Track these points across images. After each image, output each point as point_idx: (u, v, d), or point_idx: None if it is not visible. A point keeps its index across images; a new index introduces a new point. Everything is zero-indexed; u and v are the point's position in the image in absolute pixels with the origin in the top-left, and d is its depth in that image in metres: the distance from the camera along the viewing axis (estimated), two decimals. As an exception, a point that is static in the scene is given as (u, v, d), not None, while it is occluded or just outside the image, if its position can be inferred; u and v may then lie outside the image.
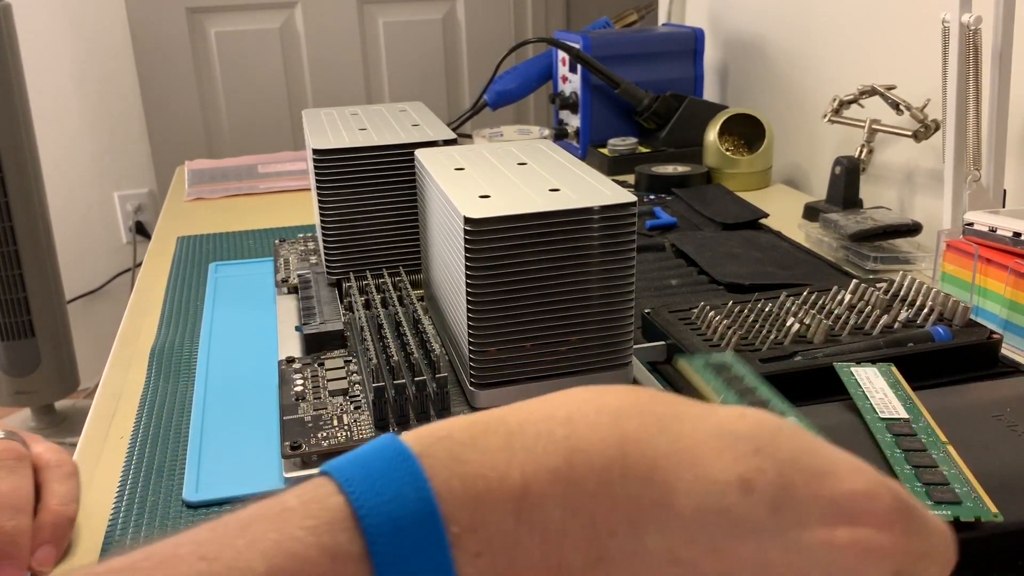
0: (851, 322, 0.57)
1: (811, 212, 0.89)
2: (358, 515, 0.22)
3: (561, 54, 1.21)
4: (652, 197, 0.98)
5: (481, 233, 0.46)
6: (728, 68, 1.28)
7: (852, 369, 0.49)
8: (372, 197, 0.65)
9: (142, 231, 2.14)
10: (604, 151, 1.13)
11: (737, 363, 0.47)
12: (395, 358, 0.50)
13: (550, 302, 0.48)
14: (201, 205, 1.06)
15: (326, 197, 0.64)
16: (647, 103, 1.12)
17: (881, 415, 0.45)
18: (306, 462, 0.48)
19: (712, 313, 0.58)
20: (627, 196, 0.47)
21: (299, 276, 0.71)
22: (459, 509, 0.22)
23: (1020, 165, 0.77)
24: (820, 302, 0.60)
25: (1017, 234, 0.59)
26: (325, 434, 0.48)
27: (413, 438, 0.24)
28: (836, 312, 0.59)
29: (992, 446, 0.43)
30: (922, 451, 0.42)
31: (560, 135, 1.20)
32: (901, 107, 0.87)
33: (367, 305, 0.61)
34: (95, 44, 2.01)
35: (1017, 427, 0.45)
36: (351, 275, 0.66)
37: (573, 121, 1.19)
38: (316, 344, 0.60)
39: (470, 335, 0.47)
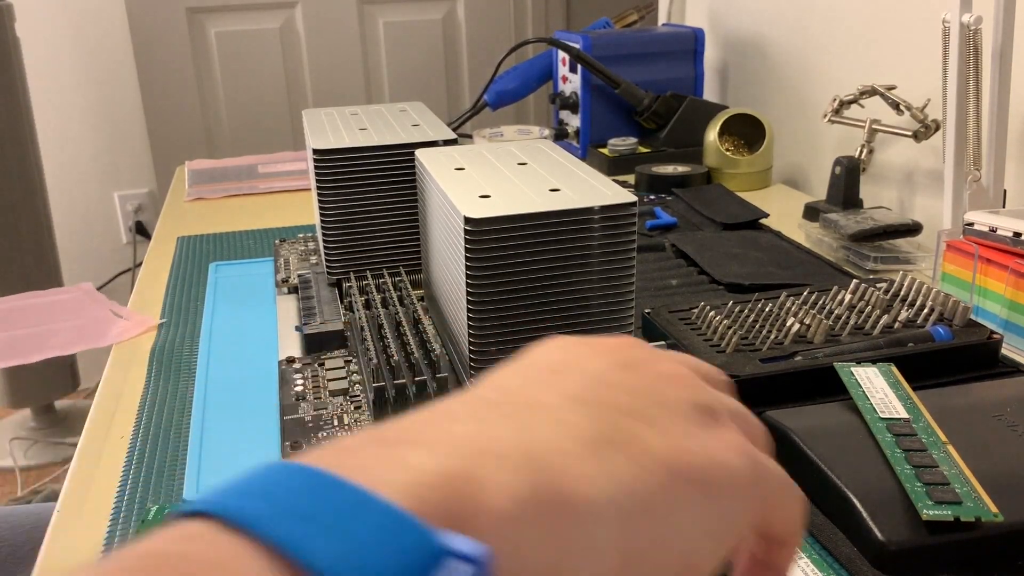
0: (851, 322, 0.57)
1: (811, 212, 0.89)
2: None
3: (561, 54, 1.21)
4: (652, 197, 0.98)
5: (481, 233, 0.46)
6: (728, 68, 1.28)
7: (852, 369, 0.49)
8: (372, 197, 0.65)
9: (142, 231, 2.14)
10: (604, 151, 1.13)
11: None
12: (395, 358, 0.50)
13: (550, 302, 0.48)
14: (201, 205, 1.06)
15: (326, 197, 0.64)
16: (647, 103, 1.12)
17: (881, 415, 0.45)
18: (306, 462, 0.48)
19: (712, 313, 0.58)
20: (627, 196, 0.47)
21: (299, 276, 0.71)
22: None
23: (1020, 165, 0.77)
24: (820, 302, 0.60)
25: (1017, 234, 0.59)
26: (325, 434, 0.48)
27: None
28: (836, 312, 0.59)
29: (992, 446, 0.43)
30: (922, 451, 0.42)
31: (560, 135, 1.20)
32: (901, 107, 0.87)
33: (367, 305, 0.61)
34: (95, 44, 2.01)
35: (1017, 427, 0.45)
36: (351, 275, 0.66)
37: (573, 121, 1.19)
38: (316, 344, 0.60)
39: (470, 335, 0.47)
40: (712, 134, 1.04)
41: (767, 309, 0.59)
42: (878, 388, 0.47)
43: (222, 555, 0.16)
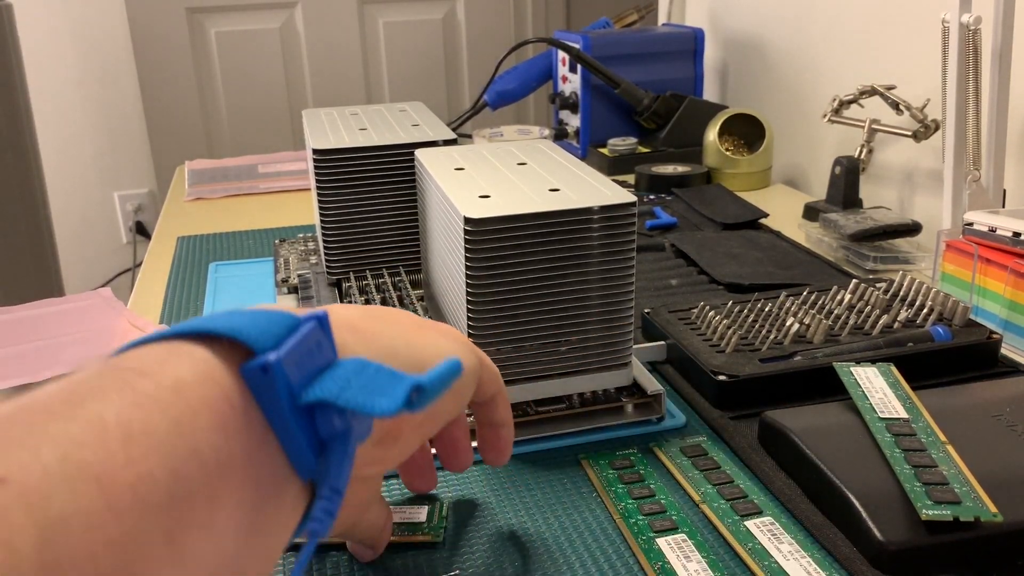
0: (851, 322, 0.57)
1: (811, 212, 0.89)
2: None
3: (561, 54, 1.21)
4: (652, 197, 0.98)
5: (481, 233, 0.46)
6: (728, 68, 1.28)
7: (852, 369, 0.49)
8: (372, 197, 0.65)
9: (142, 231, 2.14)
10: (604, 151, 1.13)
11: (714, 448, 0.47)
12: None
13: (550, 302, 0.48)
14: (201, 205, 1.06)
15: (326, 197, 0.64)
16: (647, 103, 1.12)
17: (881, 415, 0.45)
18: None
19: (712, 313, 0.58)
20: (627, 196, 0.47)
21: (299, 276, 0.71)
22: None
23: (1020, 165, 0.77)
24: (820, 302, 0.60)
25: (1017, 234, 0.59)
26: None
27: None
28: (836, 312, 0.59)
29: (992, 446, 0.43)
30: (922, 451, 0.42)
31: (560, 135, 1.20)
32: (901, 107, 0.87)
33: (367, 305, 0.61)
34: (95, 44, 2.01)
35: (1017, 427, 0.45)
36: (351, 275, 0.66)
37: (573, 121, 1.19)
38: (316, 344, 0.60)
39: (470, 335, 0.48)
40: (712, 134, 1.04)
41: (767, 309, 0.59)
42: (877, 388, 0.47)
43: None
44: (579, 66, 1.13)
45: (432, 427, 0.35)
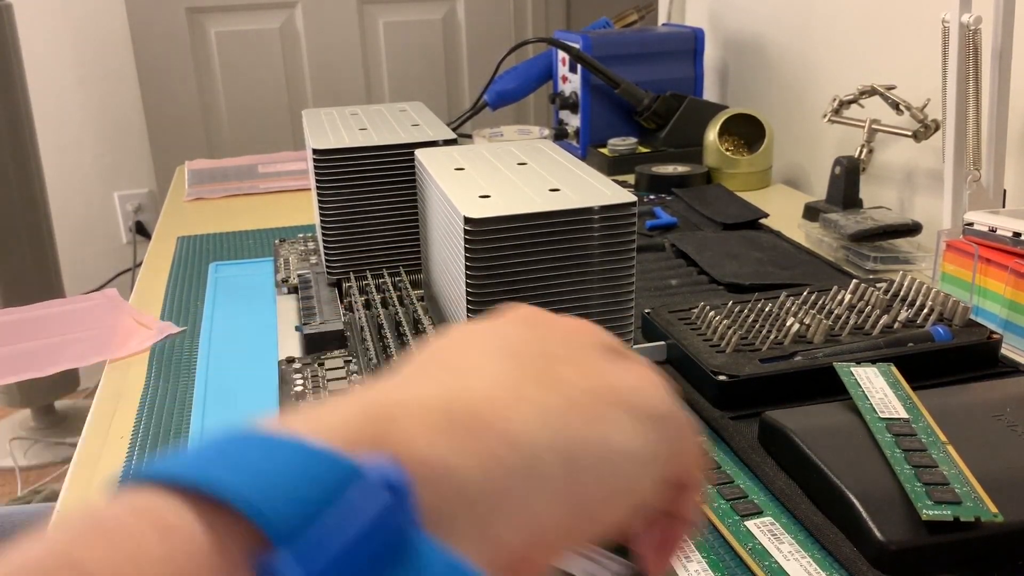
0: (851, 322, 0.57)
1: (811, 212, 0.89)
2: None
3: (561, 54, 1.21)
4: (652, 197, 0.98)
5: (481, 233, 0.46)
6: (728, 68, 1.28)
7: (852, 369, 0.49)
8: (372, 197, 0.65)
9: (142, 231, 2.14)
10: (604, 151, 1.13)
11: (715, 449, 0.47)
12: (395, 358, 0.50)
13: (550, 302, 0.48)
14: (201, 205, 1.06)
15: (326, 197, 0.64)
16: (647, 103, 1.12)
17: (881, 415, 0.45)
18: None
19: (712, 313, 0.58)
20: (627, 196, 0.47)
21: (299, 276, 0.71)
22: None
23: (1020, 165, 0.77)
24: (820, 302, 0.60)
25: (1017, 234, 0.59)
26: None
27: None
28: (836, 312, 0.59)
29: (992, 446, 0.43)
30: (922, 451, 0.42)
31: (560, 135, 1.20)
32: (901, 107, 0.87)
33: (367, 305, 0.61)
34: (95, 44, 2.01)
35: (1017, 427, 0.45)
36: (351, 275, 0.66)
37: (573, 121, 1.19)
38: (316, 344, 0.60)
39: (470, 335, 0.48)
40: (712, 134, 1.04)
41: (767, 309, 0.59)
42: (878, 388, 0.47)
43: (140, 505, 0.17)
44: (579, 66, 1.12)
45: (584, 531, 0.22)
